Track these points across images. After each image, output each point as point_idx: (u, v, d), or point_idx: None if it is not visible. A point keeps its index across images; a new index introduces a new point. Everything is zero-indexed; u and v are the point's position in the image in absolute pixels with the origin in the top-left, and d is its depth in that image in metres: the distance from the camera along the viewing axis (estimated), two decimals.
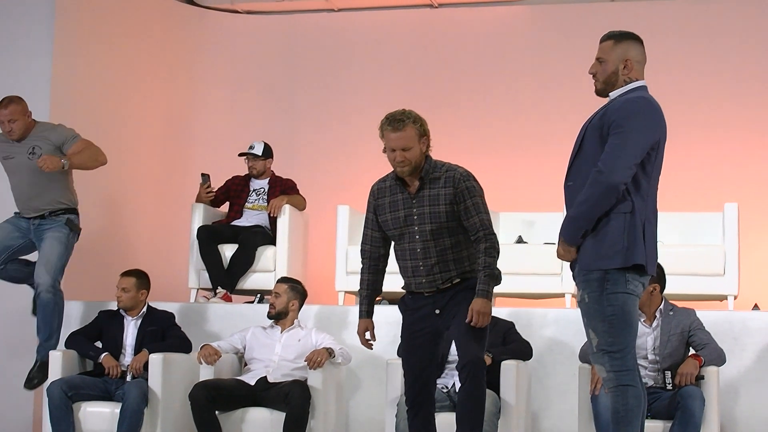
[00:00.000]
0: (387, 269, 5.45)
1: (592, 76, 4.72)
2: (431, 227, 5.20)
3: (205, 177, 8.60)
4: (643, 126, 4.43)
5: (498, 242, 5.26)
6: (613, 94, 4.61)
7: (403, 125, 5.23)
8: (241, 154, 8.69)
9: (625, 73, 4.60)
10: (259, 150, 8.62)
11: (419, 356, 5.32)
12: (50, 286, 7.11)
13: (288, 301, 7.02)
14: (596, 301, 4.47)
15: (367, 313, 5.46)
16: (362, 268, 5.48)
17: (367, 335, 5.44)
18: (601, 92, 4.69)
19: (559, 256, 4.65)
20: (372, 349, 5.54)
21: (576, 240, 4.51)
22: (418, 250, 5.24)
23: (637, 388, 4.48)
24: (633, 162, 4.40)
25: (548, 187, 5.17)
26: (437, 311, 5.26)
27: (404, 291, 5.43)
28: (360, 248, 5.49)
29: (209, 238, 8.25)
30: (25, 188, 7.26)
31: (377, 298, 5.58)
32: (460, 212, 5.22)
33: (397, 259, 5.36)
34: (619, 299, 4.44)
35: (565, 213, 4.61)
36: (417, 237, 5.23)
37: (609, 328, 4.45)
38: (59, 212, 7.25)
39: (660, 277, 6.29)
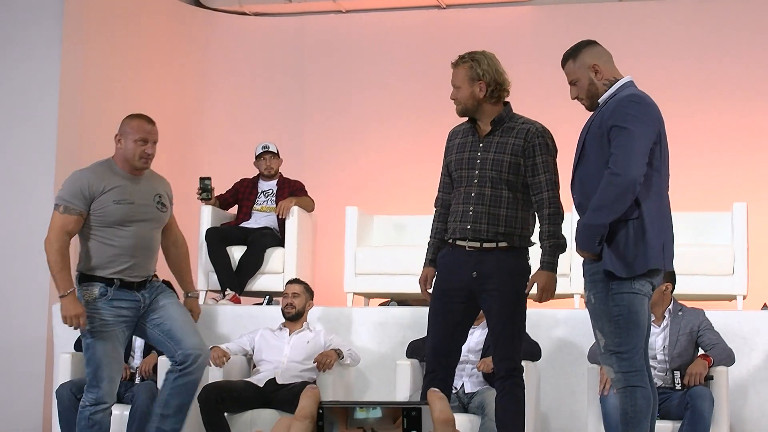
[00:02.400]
0: (399, 268, 5.35)
1: (578, 99, 4.72)
2: (491, 174, 4.98)
3: (203, 181, 8.52)
4: (643, 122, 4.42)
5: (563, 208, 5.03)
6: (603, 99, 4.59)
7: (458, 64, 5.15)
8: (259, 156, 8.63)
9: (599, 78, 4.59)
10: (275, 148, 8.63)
11: (448, 319, 5.05)
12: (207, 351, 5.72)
13: (306, 301, 7.06)
14: (602, 302, 4.46)
15: (430, 262, 5.20)
16: (433, 217, 5.27)
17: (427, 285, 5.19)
18: (592, 107, 4.69)
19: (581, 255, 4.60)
20: (428, 300, 5.40)
21: (594, 248, 4.44)
22: (473, 194, 5.00)
23: (645, 388, 4.46)
24: (644, 158, 4.39)
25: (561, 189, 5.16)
26: (474, 274, 4.99)
27: (445, 246, 5.15)
28: (435, 198, 5.30)
29: (218, 239, 8.26)
30: (149, 242, 5.61)
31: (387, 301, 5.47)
32: (526, 168, 4.99)
33: (452, 204, 5.14)
34: (624, 299, 4.42)
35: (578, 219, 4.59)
36: (475, 181, 5.01)
37: (616, 328, 4.44)
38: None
39: (671, 276, 6.29)
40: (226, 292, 8.24)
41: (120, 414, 6.72)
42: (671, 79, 9.95)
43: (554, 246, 4.98)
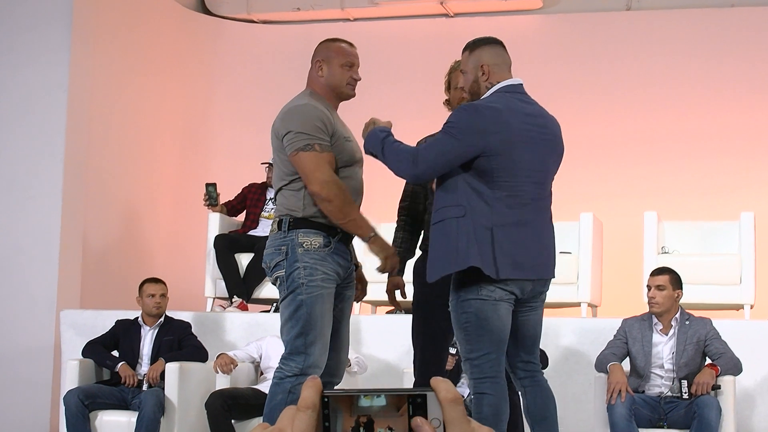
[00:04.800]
0: (406, 276, 5.31)
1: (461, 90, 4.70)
2: None
3: (208, 187, 8.54)
4: (455, 132, 4.33)
5: None
6: None
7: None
8: (264, 163, 8.67)
9: (483, 79, 4.49)
10: None
11: (441, 326, 4.99)
12: None
13: None
14: (454, 309, 4.41)
15: (398, 271, 5.16)
16: (397, 226, 5.28)
17: (397, 294, 5.15)
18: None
19: None
20: (400, 310, 5.31)
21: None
22: None
23: (493, 396, 4.35)
24: (437, 162, 4.33)
25: (562, 196, 5.16)
26: None
27: (420, 254, 5.15)
28: (398, 206, 5.31)
29: (226, 247, 8.27)
30: (362, 186, 4.88)
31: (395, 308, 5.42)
32: None
33: (428, 213, 5.11)
34: (472, 306, 4.34)
35: None
36: None
37: (465, 335, 4.38)
38: None
39: (679, 283, 6.29)
40: (233, 300, 8.25)
41: (127, 420, 6.73)
42: (678, 87, 9.95)
43: None
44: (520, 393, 4.68)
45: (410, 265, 5.35)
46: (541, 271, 4.46)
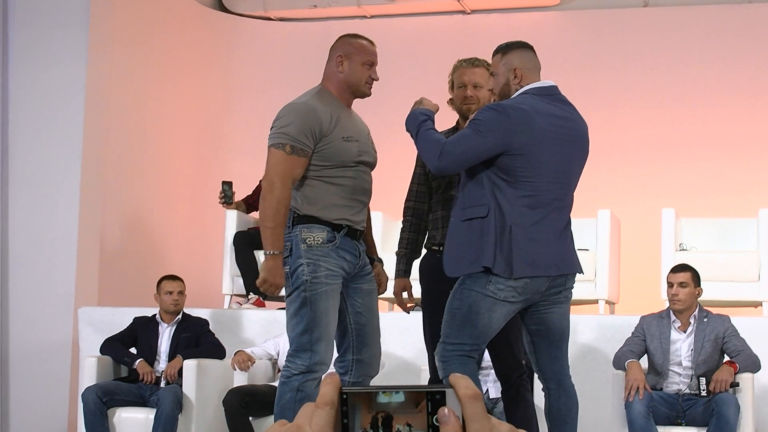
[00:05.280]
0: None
1: (491, 92, 4.73)
2: None
3: (224, 185, 8.54)
4: (482, 129, 4.36)
5: None
6: None
7: (479, 63, 5.19)
8: None
9: (515, 82, 4.54)
10: None
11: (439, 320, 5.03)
12: None
13: None
14: (453, 291, 4.44)
15: (405, 272, 5.24)
16: (403, 227, 5.31)
17: (405, 295, 5.21)
18: None
19: None
20: (409, 312, 5.36)
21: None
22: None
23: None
24: (462, 157, 4.37)
25: (580, 193, 5.16)
26: None
27: (426, 253, 5.20)
28: (403, 206, 5.35)
29: (246, 243, 8.28)
30: (369, 187, 4.91)
31: (410, 305, 5.40)
32: None
33: (432, 212, 5.21)
34: (471, 296, 4.36)
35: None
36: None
37: (450, 319, 4.41)
38: None
39: (699, 281, 6.27)
40: (249, 296, 8.26)
41: (145, 417, 6.75)
42: (696, 84, 9.92)
43: None
44: (543, 393, 4.67)
45: (415, 265, 5.34)
46: (563, 267, 4.49)
